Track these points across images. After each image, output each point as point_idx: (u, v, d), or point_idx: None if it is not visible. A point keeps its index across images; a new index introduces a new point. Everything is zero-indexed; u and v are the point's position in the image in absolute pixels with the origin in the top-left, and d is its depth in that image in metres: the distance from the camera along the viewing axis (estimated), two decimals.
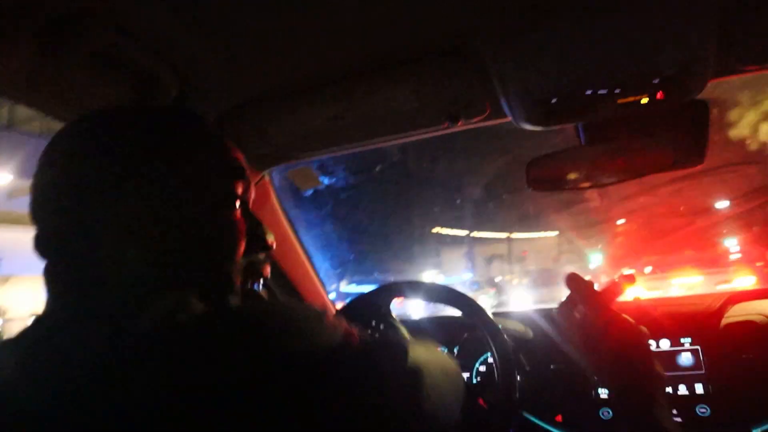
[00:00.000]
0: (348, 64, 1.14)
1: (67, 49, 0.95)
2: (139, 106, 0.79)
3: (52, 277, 0.71)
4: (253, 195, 0.87)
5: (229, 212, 0.78)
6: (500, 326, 1.40)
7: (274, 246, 0.86)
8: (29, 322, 0.70)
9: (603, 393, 1.53)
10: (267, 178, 1.60)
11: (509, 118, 1.24)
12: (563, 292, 1.12)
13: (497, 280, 22.29)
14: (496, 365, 1.36)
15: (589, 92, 1.12)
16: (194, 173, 0.75)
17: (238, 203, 0.79)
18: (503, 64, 1.08)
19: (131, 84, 1.10)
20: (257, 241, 0.82)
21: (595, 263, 22.09)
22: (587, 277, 1.09)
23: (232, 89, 1.21)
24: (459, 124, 1.28)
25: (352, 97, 1.22)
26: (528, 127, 1.23)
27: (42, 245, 0.72)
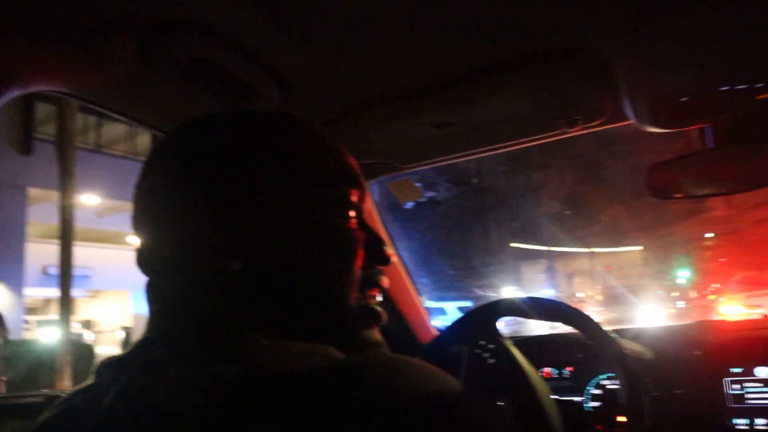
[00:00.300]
0: (457, 68, 1.07)
1: (165, 58, 0.93)
2: (243, 110, 0.73)
3: (150, 294, 0.67)
4: (368, 204, 0.80)
5: (345, 221, 0.71)
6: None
7: (393, 259, 0.79)
8: (117, 334, 0.66)
9: (741, 423, 1.39)
10: (367, 190, 1.54)
11: (631, 121, 1.15)
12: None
13: (579, 296, 21.68)
14: (622, 388, 1.25)
15: (725, 88, 1.02)
16: (306, 180, 0.68)
17: (353, 212, 0.72)
18: (629, 62, 0.99)
19: (230, 94, 1.07)
20: (376, 253, 0.74)
21: (683, 279, 21.16)
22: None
23: (334, 97, 1.17)
24: (576, 128, 1.20)
25: (461, 102, 1.15)
26: (652, 129, 1.13)
27: (143, 260, 0.67)
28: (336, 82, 1.11)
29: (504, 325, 1.39)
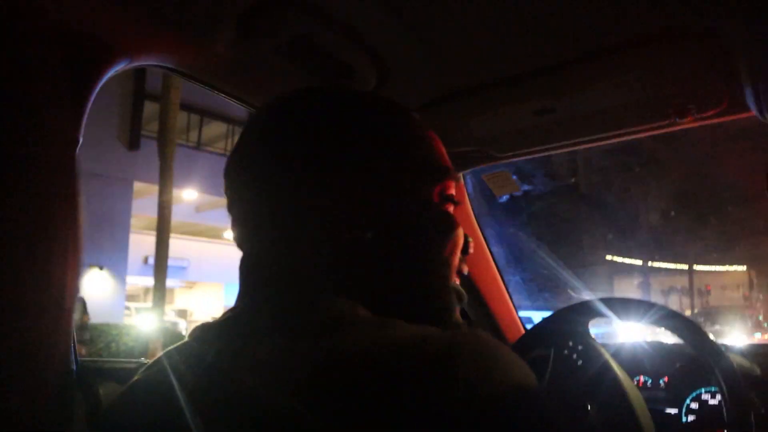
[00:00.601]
0: (561, 52, 1.03)
1: (265, 36, 0.94)
2: (342, 88, 0.74)
3: (243, 270, 0.67)
4: (456, 196, 0.79)
5: (443, 210, 0.70)
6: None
7: (472, 251, 0.77)
8: None
9: None
10: (461, 180, 1.52)
11: (751, 112, 1.06)
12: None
13: None
14: (725, 402, 1.16)
15: None
16: (405, 163, 0.67)
17: (452, 201, 0.72)
18: (758, 46, 0.91)
19: (327, 73, 1.07)
20: (463, 243, 0.74)
21: None
22: None
23: (432, 81, 1.15)
24: (687, 119, 1.12)
25: (563, 88, 1.11)
26: None
27: (237, 235, 0.69)
28: (434, 67, 1.09)
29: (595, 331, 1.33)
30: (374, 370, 0.49)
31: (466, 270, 0.77)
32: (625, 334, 1.99)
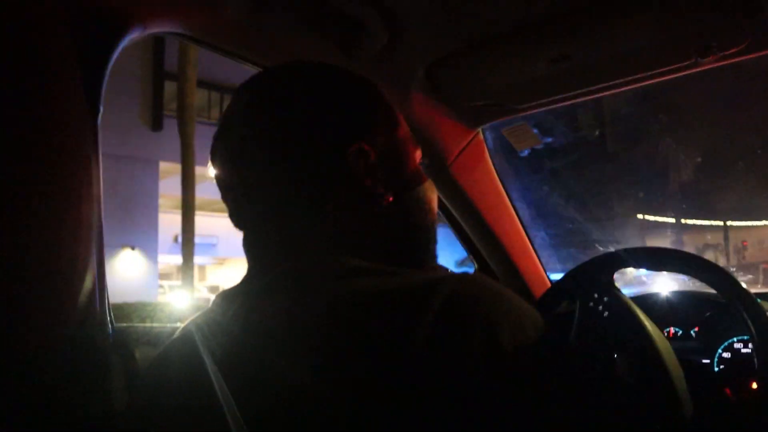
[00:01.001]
0: None
1: None
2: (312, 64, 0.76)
3: (249, 247, 0.72)
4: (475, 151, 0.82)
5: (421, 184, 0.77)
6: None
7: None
8: None
9: None
10: (481, 136, 1.50)
11: None
12: None
13: None
14: (755, 347, 1.14)
15: None
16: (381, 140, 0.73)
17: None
18: None
19: (339, 32, 1.07)
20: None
21: None
22: None
23: (443, 35, 1.13)
24: (710, 58, 1.09)
25: (578, 33, 1.08)
26: None
27: (234, 215, 0.73)
28: (445, 20, 1.07)
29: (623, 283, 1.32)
30: (390, 308, 0.53)
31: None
32: (654, 285, 1.98)
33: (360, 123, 0.71)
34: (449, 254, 1.75)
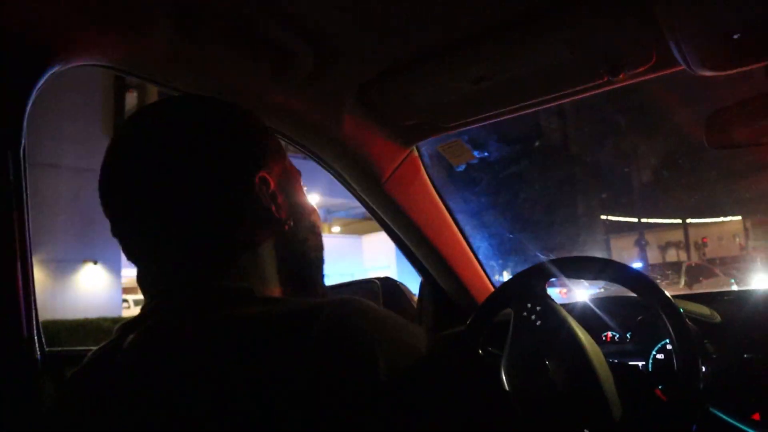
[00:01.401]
0: (488, 20, 1.04)
1: (204, 27, 0.96)
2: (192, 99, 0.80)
3: (144, 283, 0.74)
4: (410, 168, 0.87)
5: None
6: (680, 308, 1.22)
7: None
8: None
9: None
10: (416, 153, 1.54)
11: (681, 66, 1.08)
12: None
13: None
14: (674, 350, 1.19)
15: None
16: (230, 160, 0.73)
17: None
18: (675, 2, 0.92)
19: (268, 58, 1.09)
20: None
21: None
22: None
23: (370, 58, 1.16)
24: (620, 77, 1.13)
25: (495, 56, 1.12)
26: (705, 73, 1.05)
27: (127, 251, 0.75)
28: (369, 43, 1.10)
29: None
30: (272, 336, 0.56)
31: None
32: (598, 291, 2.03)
33: (259, 153, 0.74)
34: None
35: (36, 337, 0.81)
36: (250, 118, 0.78)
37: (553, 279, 1.34)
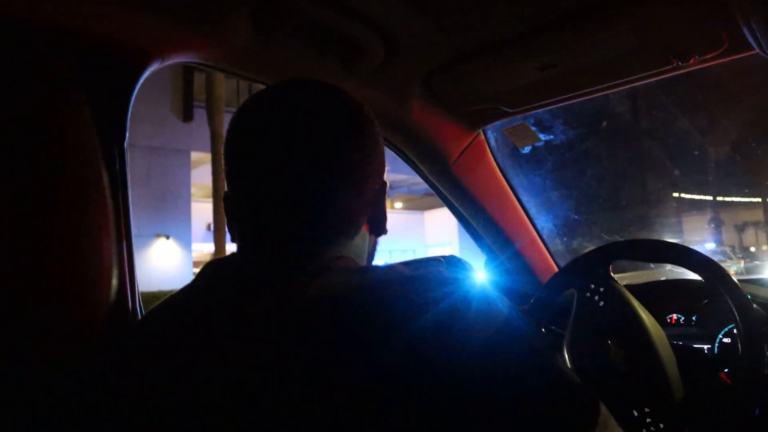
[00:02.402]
0: (553, 10, 1.06)
1: (278, 24, 1.02)
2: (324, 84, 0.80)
3: (246, 232, 0.76)
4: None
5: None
6: (748, 294, 1.22)
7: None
8: None
9: None
10: (482, 136, 1.57)
11: (754, 50, 1.07)
12: None
13: (752, 249, 19.95)
14: (739, 332, 1.19)
15: None
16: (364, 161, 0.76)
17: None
18: None
19: (339, 52, 1.14)
20: None
21: None
22: None
23: (437, 48, 1.19)
24: (691, 62, 1.13)
25: (562, 44, 1.13)
26: None
27: (227, 208, 0.78)
28: (437, 34, 1.14)
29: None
30: (359, 304, 0.59)
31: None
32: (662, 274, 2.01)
33: (383, 160, 0.79)
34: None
35: (139, 308, 0.90)
36: (370, 118, 0.79)
37: (616, 260, 1.35)
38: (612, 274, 1.35)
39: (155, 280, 11.35)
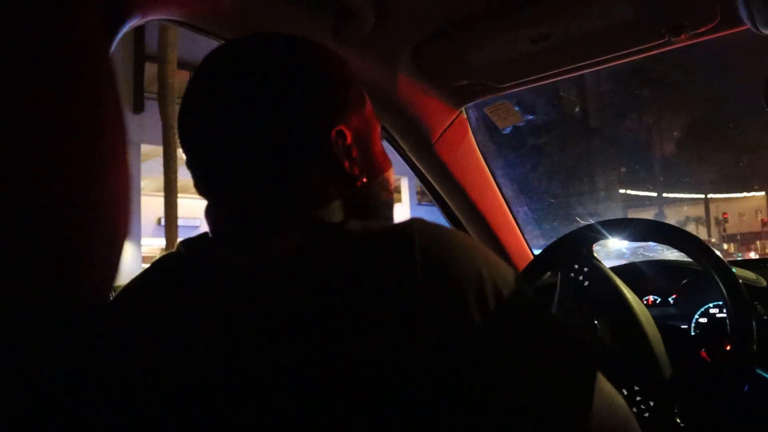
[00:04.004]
0: None
1: None
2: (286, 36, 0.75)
3: (212, 216, 0.71)
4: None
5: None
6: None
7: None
8: None
9: None
10: (464, 115, 1.55)
11: (745, 26, 1.06)
12: None
13: None
14: (728, 311, 1.20)
15: None
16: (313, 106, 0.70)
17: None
18: None
19: (328, 17, 1.10)
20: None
21: None
22: None
23: (428, 16, 1.16)
24: (682, 37, 1.13)
25: (556, 14, 1.12)
26: None
27: (200, 185, 0.72)
28: (429, 1, 1.11)
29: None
30: (347, 249, 0.57)
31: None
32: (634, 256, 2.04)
33: (340, 105, 0.70)
34: None
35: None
36: (338, 64, 0.74)
37: (600, 240, 1.34)
38: (595, 255, 1.35)
39: None
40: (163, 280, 0.68)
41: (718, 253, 1.24)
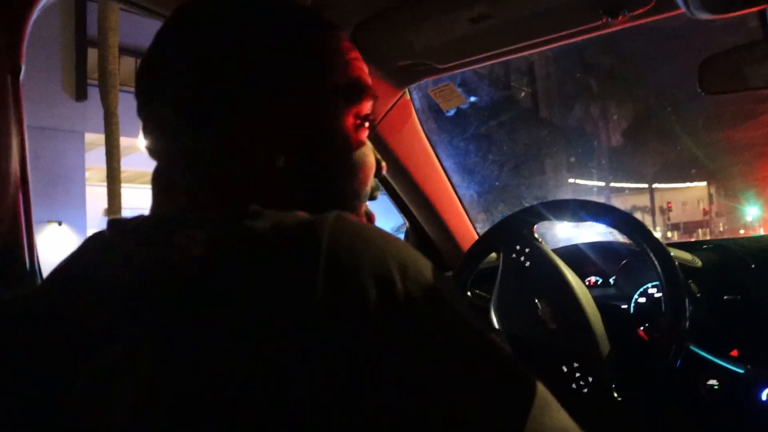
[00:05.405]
0: None
1: None
2: None
3: (158, 179, 0.66)
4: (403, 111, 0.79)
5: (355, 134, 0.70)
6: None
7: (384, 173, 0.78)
8: None
9: None
10: (408, 96, 1.54)
11: (680, 9, 1.08)
12: None
13: None
14: (663, 289, 1.22)
15: None
16: (320, 86, 0.66)
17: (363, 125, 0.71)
18: None
19: None
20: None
21: (753, 215, 20.41)
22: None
23: None
24: (619, 18, 1.14)
25: None
26: (704, 16, 1.05)
27: (150, 144, 0.66)
28: None
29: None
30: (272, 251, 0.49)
31: (376, 196, 0.77)
32: (577, 239, 2.08)
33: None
34: (386, 220, 1.80)
35: None
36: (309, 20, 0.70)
37: (541, 221, 1.36)
38: (536, 236, 1.36)
39: (47, 269, 10.72)
40: (84, 262, 0.63)
41: (654, 232, 1.27)
